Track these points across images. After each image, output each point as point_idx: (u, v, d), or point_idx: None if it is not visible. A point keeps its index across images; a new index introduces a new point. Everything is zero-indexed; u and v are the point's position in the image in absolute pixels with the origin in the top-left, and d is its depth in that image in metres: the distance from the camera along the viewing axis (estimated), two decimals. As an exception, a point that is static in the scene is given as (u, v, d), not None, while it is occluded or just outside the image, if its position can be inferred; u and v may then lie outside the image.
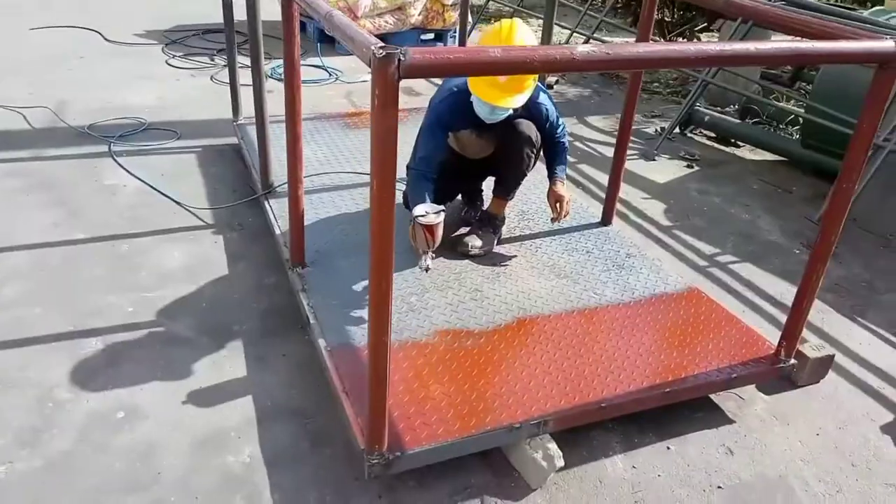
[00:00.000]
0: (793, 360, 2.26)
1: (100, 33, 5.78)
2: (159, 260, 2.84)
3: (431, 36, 6.47)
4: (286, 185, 3.10)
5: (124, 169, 3.52)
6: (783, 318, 2.84)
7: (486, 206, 2.94)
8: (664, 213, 3.75)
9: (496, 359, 2.17)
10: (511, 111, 2.49)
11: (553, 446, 1.93)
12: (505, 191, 2.77)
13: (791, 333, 2.22)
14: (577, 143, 4.64)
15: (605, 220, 3.07)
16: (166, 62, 5.24)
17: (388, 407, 1.86)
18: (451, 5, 6.27)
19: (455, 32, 6.64)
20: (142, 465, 1.91)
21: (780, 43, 1.59)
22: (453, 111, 2.51)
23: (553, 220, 2.74)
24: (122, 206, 3.21)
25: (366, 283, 2.50)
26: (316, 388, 2.24)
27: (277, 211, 2.95)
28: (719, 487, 2.02)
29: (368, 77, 1.35)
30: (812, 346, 2.42)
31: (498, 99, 2.32)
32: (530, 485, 1.94)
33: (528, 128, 2.57)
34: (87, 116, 4.07)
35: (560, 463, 1.92)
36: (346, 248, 2.72)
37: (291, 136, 2.32)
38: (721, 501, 1.97)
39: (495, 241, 2.80)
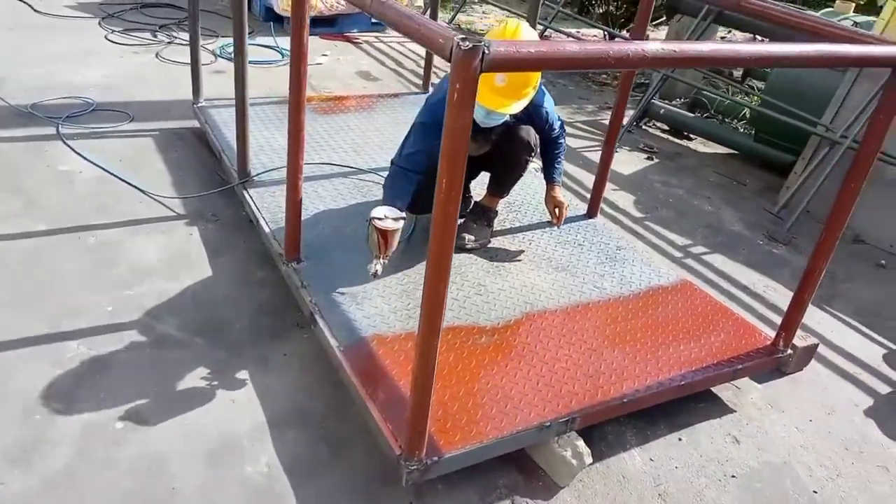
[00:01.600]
0: (789, 350, 2.35)
1: (28, 4, 5.32)
2: (133, 254, 2.64)
3: (380, 19, 6.33)
4: (264, 175, 2.99)
5: (78, 154, 3.25)
6: (758, 306, 2.99)
7: (473, 197, 2.90)
8: (634, 204, 3.82)
9: (513, 355, 2.14)
10: (507, 117, 2.44)
11: (581, 444, 1.93)
12: (500, 191, 2.75)
13: (790, 324, 2.31)
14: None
15: (591, 213, 3.09)
16: (106, 37, 4.87)
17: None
18: (407, -13, 6.15)
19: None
20: (153, 479, 1.78)
21: (821, 46, 1.62)
22: None
23: (552, 224, 2.73)
24: (83, 195, 2.96)
25: (367, 277, 2.42)
26: (324, 390, 2.15)
27: (259, 202, 2.81)
28: (733, 476, 2.08)
29: (323, 59, 1.27)
30: (799, 336, 2.52)
31: (497, 104, 2.25)
32: (558, 483, 1.94)
33: (528, 133, 2.54)
34: (27, 95, 3.73)
35: (589, 460, 1.93)
36: (338, 242, 2.61)
37: (294, 122, 2.19)
38: (737, 489, 2.03)
39: (489, 234, 2.77)
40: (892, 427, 2.38)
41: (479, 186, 2.88)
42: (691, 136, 5.00)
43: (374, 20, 6.20)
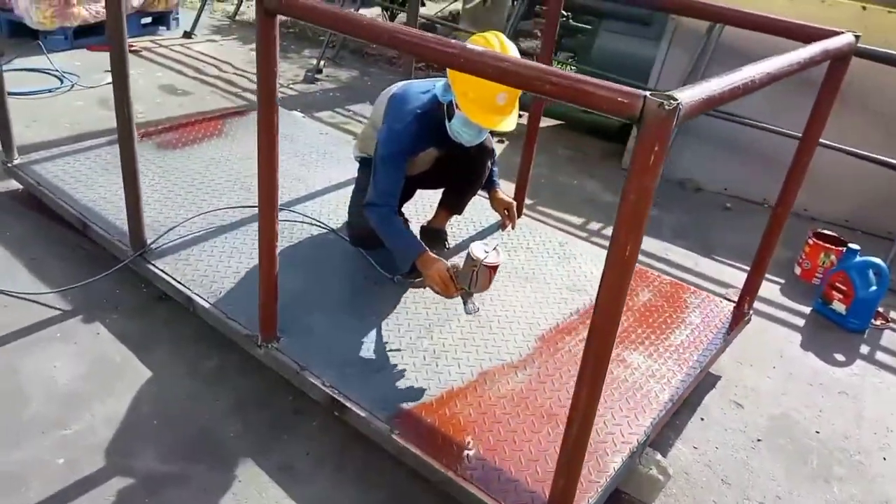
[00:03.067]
0: (752, 311, 2.60)
1: None
2: (41, 377, 2.03)
3: (150, 20, 5.58)
4: (161, 239, 2.47)
5: None
6: (673, 271, 3.25)
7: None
8: (518, 192, 3.87)
9: (559, 386, 2.07)
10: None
11: (660, 457, 1.95)
12: (459, 205, 2.61)
13: (751, 289, 2.53)
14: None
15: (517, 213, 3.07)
16: None
17: (514, 470, 1.71)
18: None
19: (178, 14, 5.81)
20: None
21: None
22: (419, 136, 2.25)
23: (504, 227, 2.65)
24: (-85, 315, 2.19)
25: (363, 336, 2.15)
26: (377, 482, 1.88)
27: (179, 275, 2.32)
28: (759, 440, 2.26)
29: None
30: (722, 291, 2.79)
31: (497, 123, 2.12)
32: (647, 502, 1.93)
33: (489, 139, 2.43)
34: None
35: (672, 471, 1.95)
36: (300, 301, 2.27)
37: (266, 169, 1.82)
38: (767, 451, 2.21)
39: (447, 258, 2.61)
40: (823, 353, 2.76)
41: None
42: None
43: (143, 22, 5.46)
